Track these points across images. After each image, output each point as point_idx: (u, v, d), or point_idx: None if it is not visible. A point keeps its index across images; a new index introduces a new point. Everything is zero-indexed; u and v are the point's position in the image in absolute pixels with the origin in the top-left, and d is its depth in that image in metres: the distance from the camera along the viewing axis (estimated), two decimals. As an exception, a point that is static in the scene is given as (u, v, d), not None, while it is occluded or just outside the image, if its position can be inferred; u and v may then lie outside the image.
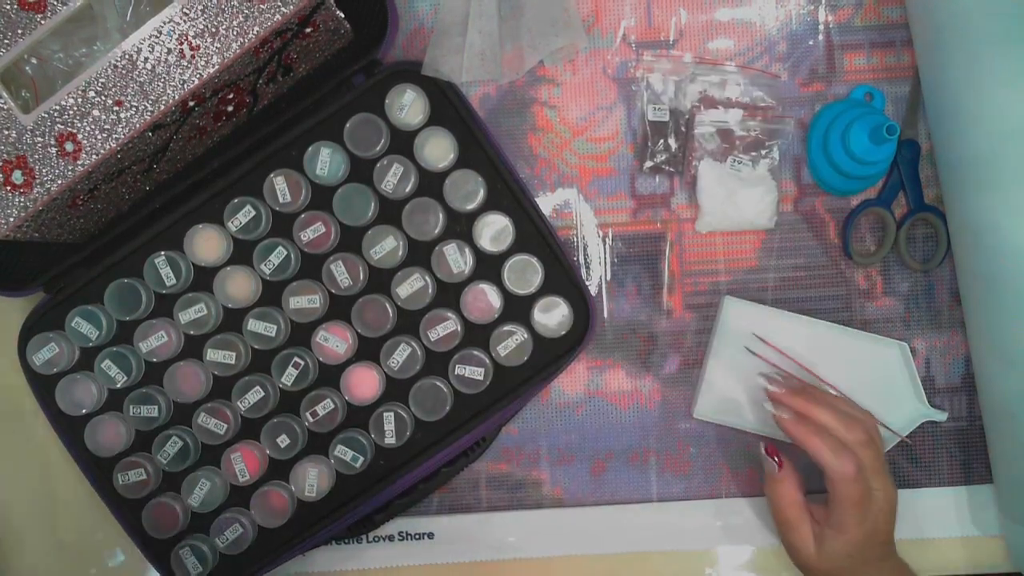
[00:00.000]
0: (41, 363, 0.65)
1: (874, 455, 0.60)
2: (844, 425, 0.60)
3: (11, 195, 0.56)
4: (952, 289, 0.70)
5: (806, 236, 0.70)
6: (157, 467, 0.66)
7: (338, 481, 0.66)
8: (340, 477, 0.66)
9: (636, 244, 0.70)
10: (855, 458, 0.58)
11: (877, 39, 0.69)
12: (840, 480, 0.58)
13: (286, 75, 0.64)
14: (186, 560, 0.66)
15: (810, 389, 0.64)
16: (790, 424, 0.60)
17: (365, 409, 0.66)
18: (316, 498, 0.66)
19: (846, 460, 0.58)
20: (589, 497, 0.71)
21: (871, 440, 0.60)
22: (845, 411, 0.61)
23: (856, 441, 0.59)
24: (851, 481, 0.58)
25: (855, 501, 0.58)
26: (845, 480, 0.58)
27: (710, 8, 0.70)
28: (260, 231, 0.66)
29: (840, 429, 0.60)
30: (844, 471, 0.58)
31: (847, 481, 0.58)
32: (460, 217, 0.66)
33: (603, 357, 0.70)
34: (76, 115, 0.55)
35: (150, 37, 0.55)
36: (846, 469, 0.58)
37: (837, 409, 0.61)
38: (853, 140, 0.64)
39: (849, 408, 0.62)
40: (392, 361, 0.65)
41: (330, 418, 0.66)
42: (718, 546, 0.71)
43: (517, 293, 0.66)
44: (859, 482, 0.58)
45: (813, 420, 0.60)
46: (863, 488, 0.58)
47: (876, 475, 0.59)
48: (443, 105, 0.66)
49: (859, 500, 0.58)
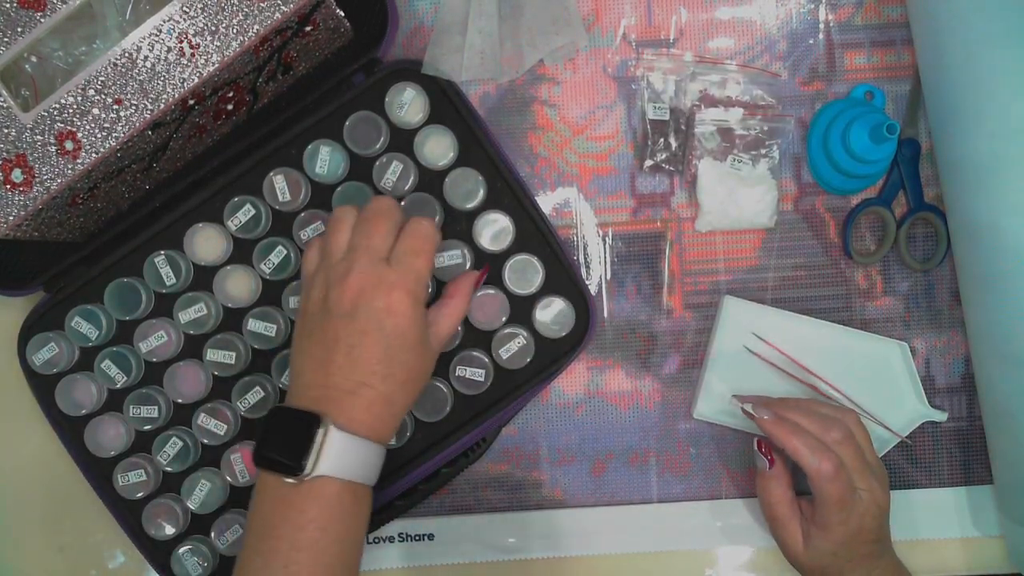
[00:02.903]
0: (41, 363, 0.65)
1: (853, 453, 0.60)
2: (820, 426, 0.61)
3: (11, 194, 0.56)
4: (952, 289, 0.70)
5: (806, 235, 0.70)
6: (157, 468, 0.66)
7: (338, 481, 0.66)
8: (340, 477, 0.66)
9: (636, 243, 0.70)
10: (834, 457, 0.59)
11: (877, 38, 0.70)
12: (820, 479, 0.59)
13: (286, 73, 0.64)
14: (186, 561, 0.66)
15: (786, 399, 0.65)
16: (769, 424, 0.61)
17: (365, 409, 0.66)
18: (316, 498, 0.66)
19: (824, 459, 0.59)
20: (589, 497, 0.71)
21: (849, 438, 0.61)
22: (821, 412, 0.62)
23: (833, 440, 0.60)
24: (831, 479, 0.59)
25: (836, 500, 0.59)
26: (825, 479, 0.59)
27: (710, 7, 0.70)
28: (260, 230, 0.66)
29: (816, 430, 0.60)
30: (822, 469, 0.59)
31: (827, 480, 0.59)
32: (460, 216, 0.66)
33: (603, 357, 0.70)
34: (76, 113, 0.55)
35: (150, 35, 0.55)
36: (824, 467, 0.58)
37: (813, 412, 0.62)
38: (853, 139, 0.64)
39: (826, 410, 0.63)
40: (392, 360, 0.65)
41: (330, 418, 0.66)
42: (718, 547, 0.71)
43: (517, 293, 0.66)
44: (839, 480, 0.59)
45: (791, 421, 0.61)
46: (844, 487, 0.59)
47: (859, 474, 0.60)
48: (443, 104, 0.66)
49: (840, 499, 0.59)
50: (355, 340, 0.54)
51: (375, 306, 0.54)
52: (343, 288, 0.54)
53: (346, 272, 0.55)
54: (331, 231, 0.57)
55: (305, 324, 0.56)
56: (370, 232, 0.56)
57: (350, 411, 0.53)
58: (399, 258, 0.56)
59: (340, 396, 0.53)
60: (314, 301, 0.56)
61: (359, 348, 0.53)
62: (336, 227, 0.57)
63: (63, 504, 0.72)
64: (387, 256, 0.56)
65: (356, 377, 0.53)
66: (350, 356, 0.53)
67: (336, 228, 0.57)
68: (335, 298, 0.54)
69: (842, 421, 0.62)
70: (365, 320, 0.54)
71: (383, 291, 0.54)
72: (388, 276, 0.54)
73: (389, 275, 0.55)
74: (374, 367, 0.54)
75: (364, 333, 0.54)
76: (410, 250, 0.56)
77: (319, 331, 0.55)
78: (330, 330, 0.54)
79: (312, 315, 0.56)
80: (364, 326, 0.54)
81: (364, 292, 0.54)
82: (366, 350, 0.53)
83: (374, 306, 0.54)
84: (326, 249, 0.57)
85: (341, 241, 0.57)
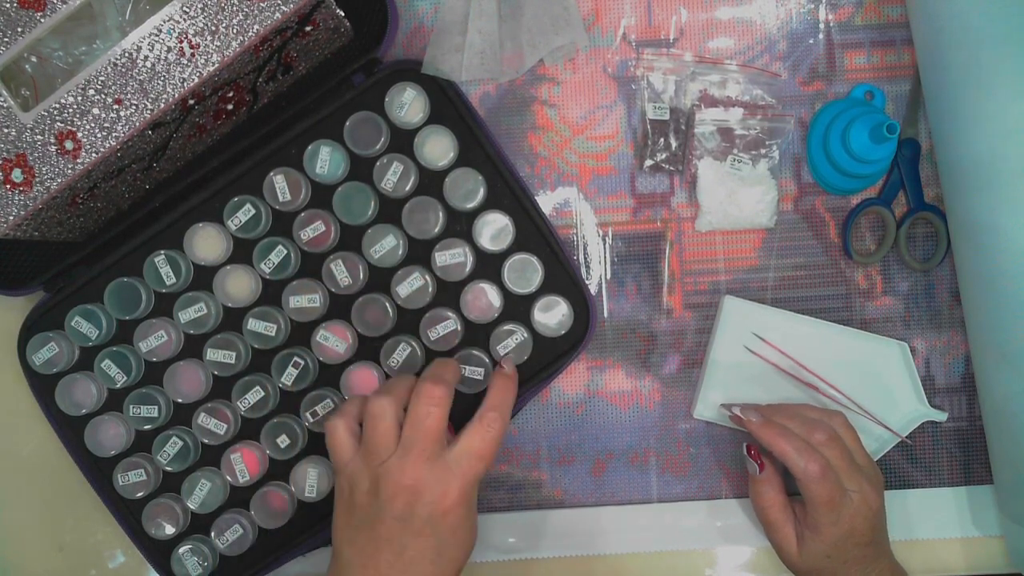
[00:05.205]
0: (41, 363, 0.65)
1: (839, 454, 0.60)
2: (805, 428, 0.61)
3: (11, 193, 0.56)
4: (952, 289, 0.70)
5: (806, 235, 0.70)
6: (157, 467, 0.66)
7: (338, 481, 0.66)
8: (340, 477, 0.66)
9: (636, 243, 0.70)
10: (820, 458, 0.59)
11: (877, 38, 0.69)
12: (807, 480, 0.59)
13: (286, 73, 0.64)
14: (186, 561, 0.66)
15: (773, 404, 0.65)
16: (756, 427, 0.62)
17: (365, 409, 0.66)
18: (316, 498, 0.66)
19: (811, 460, 0.59)
20: (589, 497, 0.71)
21: (834, 439, 0.61)
22: (806, 415, 0.63)
23: (819, 442, 0.60)
24: (818, 481, 0.59)
25: (825, 501, 0.59)
26: (812, 480, 0.59)
27: (710, 7, 0.70)
28: (260, 230, 0.66)
29: (802, 432, 0.61)
30: (808, 470, 0.59)
31: (814, 481, 0.59)
32: (460, 216, 0.66)
33: (603, 357, 0.70)
34: (76, 113, 0.55)
35: (150, 35, 0.55)
36: (810, 468, 0.59)
37: (799, 415, 0.63)
38: (853, 139, 0.64)
39: (813, 413, 0.63)
40: (392, 361, 0.65)
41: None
42: (717, 546, 0.71)
43: (517, 292, 0.66)
44: (827, 481, 0.59)
45: (778, 424, 0.62)
46: (832, 487, 0.59)
47: (847, 475, 0.60)
48: (443, 104, 0.66)
49: (830, 500, 0.59)
50: (408, 541, 0.54)
51: (431, 509, 0.54)
52: (397, 489, 0.54)
53: (400, 472, 0.54)
54: (371, 425, 0.56)
55: (351, 513, 0.56)
56: (426, 427, 0.55)
57: None
58: (459, 459, 0.55)
59: None
60: (361, 492, 0.55)
61: (411, 550, 0.54)
62: (375, 424, 0.56)
63: (63, 504, 0.72)
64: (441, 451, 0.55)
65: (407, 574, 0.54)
66: (403, 556, 0.54)
67: (375, 425, 0.56)
68: (388, 497, 0.54)
69: (827, 423, 0.62)
70: (420, 522, 0.54)
71: (440, 493, 0.54)
72: (446, 478, 0.54)
73: (447, 476, 0.54)
74: (426, 568, 0.54)
75: (418, 534, 0.54)
76: (474, 453, 0.56)
77: (368, 526, 0.55)
78: (381, 528, 0.54)
79: (360, 506, 0.56)
80: (418, 527, 0.54)
81: (420, 495, 0.54)
82: (419, 551, 0.54)
83: (430, 509, 0.54)
84: (367, 441, 0.56)
85: (384, 440, 0.56)
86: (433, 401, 0.56)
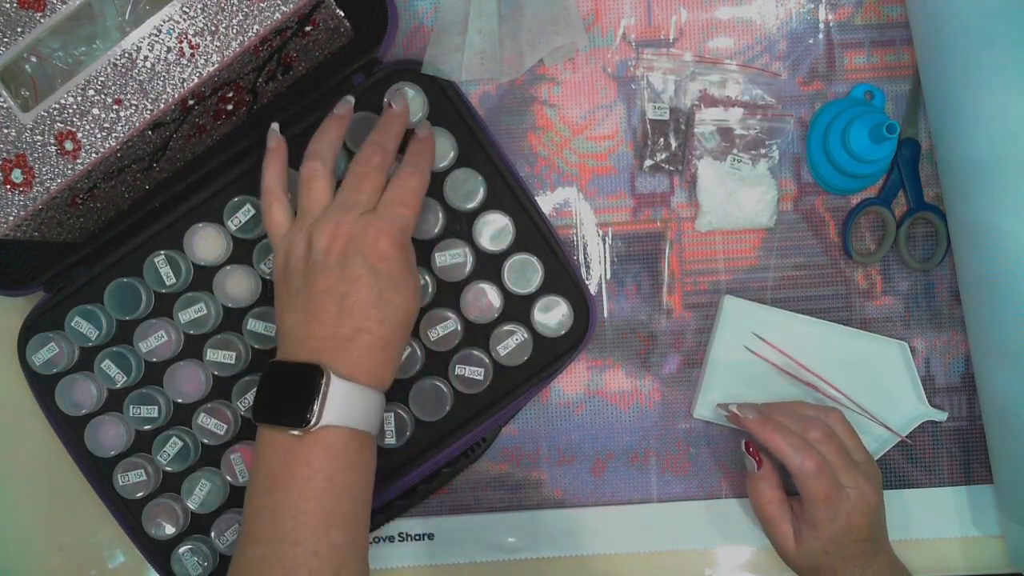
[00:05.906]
0: (41, 363, 0.65)
1: (835, 450, 0.61)
2: (801, 425, 0.61)
3: (10, 194, 0.56)
4: (952, 289, 0.70)
5: (806, 235, 0.70)
6: (157, 468, 0.66)
7: (338, 481, 0.66)
8: (340, 477, 0.66)
9: (636, 243, 0.70)
10: (816, 454, 0.59)
11: (877, 38, 0.69)
12: (803, 476, 0.59)
13: (286, 73, 0.64)
14: (186, 561, 0.66)
15: (770, 403, 0.65)
16: (753, 424, 0.62)
17: (365, 409, 0.66)
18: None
19: (807, 456, 0.59)
20: (589, 497, 0.71)
21: (829, 436, 0.61)
22: (802, 412, 0.63)
23: (815, 439, 0.61)
24: (814, 477, 0.59)
25: (822, 497, 0.59)
26: (808, 476, 0.59)
27: (710, 6, 0.70)
28: (260, 230, 0.66)
29: (798, 428, 0.61)
30: (804, 467, 0.59)
31: (810, 477, 0.59)
32: (460, 216, 0.66)
33: (603, 357, 0.70)
34: (76, 114, 0.55)
35: (150, 35, 0.55)
36: (806, 465, 0.59)
37: (795, 412, 0.63)
38: (853, 139, 0.64)
39: (809, 410, 0.64)
40: (392, 360, 0.65)
41: (330, 418, 0.66)
42: (717, 546, 0.71)
43: (517, 292, 0.66)
44: (823, 477, 0.59)
45: (774, 421, 0.62)
46: (829, 484, 0.59)
47: (843, 471, 0.60)
48: (443, 104, 0.66)
49: (826, 496, 0.59)
50: (347, 288, 0.54)
51: (365, 252, 0.54)
52: (331, 239, 0.54)
53: (332, 224, 0.55)
54: (305, 189, 0.58)
55: (289, 281, 0.56)
56: (358, 188, 0.56)
57: (350, 358, 0.53)
58: (385, 207, 0.56)
59: (338, 344, 0.53)
60: (296, 257, 0.56)
61: (352, 295, 0.54)
62: (310, 185, 0.57)
63: (63, 504, 0.72)
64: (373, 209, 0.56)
65: (353, 324, 0.53)
66: (344, 304, 0.53)
67: (310, 186, 0.57)
68: (322, 250, 0.54)
69: (823, 420, 0.62)
70: (356, 267, 0.54)
71: (372, 237, 0.54)
72: (376, 223, 0.55)
73: (376, 222, 0.55)
74: (369, 312, 0.54)
75: (356, 279, 0.54)
76: (397, 200, 0.56)
77: (306, 286, 0.55)
78: (319, 282, 0.54)
79: (295, 271, 0.56)
80: (356, 273, 0.54)
81: (353, 240, 0.54)
82: (360, 296, 0.54)
83: (364, 252, 0.54)
84: (302, 207, 0.57)
85: (318, 198, 0.57)
86: (371, 164, 0.57)
